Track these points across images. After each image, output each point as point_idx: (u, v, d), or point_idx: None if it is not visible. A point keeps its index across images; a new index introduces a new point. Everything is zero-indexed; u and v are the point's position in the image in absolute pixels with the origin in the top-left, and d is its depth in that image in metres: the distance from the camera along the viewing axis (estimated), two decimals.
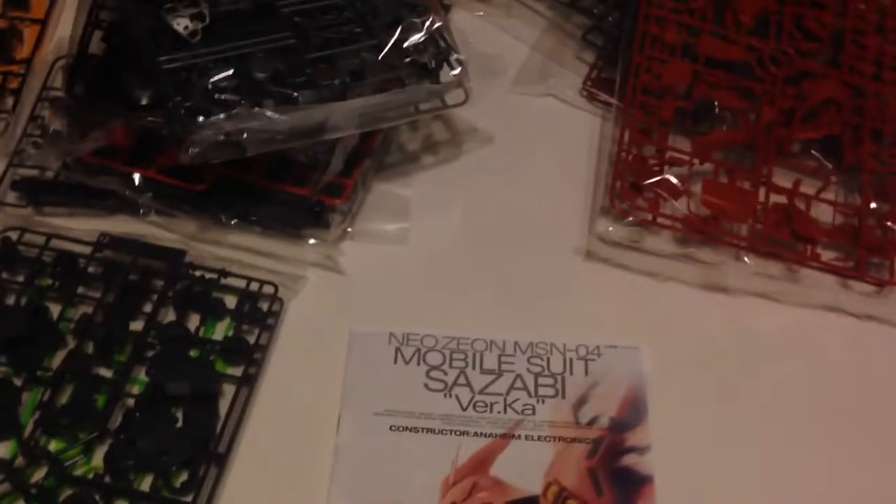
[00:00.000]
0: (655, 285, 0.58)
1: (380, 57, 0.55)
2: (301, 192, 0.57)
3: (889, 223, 0.59)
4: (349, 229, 0.58)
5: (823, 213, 0.60)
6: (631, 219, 0.57)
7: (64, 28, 0.65)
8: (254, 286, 0.55)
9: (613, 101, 0.63)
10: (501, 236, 0.60)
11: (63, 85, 0.57)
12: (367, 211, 0.60)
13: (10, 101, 0.62)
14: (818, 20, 0.64)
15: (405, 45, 0.55)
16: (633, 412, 0.52)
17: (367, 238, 0.59)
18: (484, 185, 0.62)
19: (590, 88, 0.66)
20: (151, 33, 0.54)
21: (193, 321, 0.54)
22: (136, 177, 0.56)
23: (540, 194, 0.62)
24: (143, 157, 0.57)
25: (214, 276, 0.55)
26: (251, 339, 0.53)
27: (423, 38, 0.55)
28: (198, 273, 0.55)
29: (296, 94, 0.52)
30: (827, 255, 0.58)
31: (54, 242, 0.56)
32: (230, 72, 0.52)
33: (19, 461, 0.48)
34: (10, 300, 0.54)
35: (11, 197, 0.58)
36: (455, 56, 0.56)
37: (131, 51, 0.54)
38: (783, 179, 0.60)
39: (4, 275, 0.55)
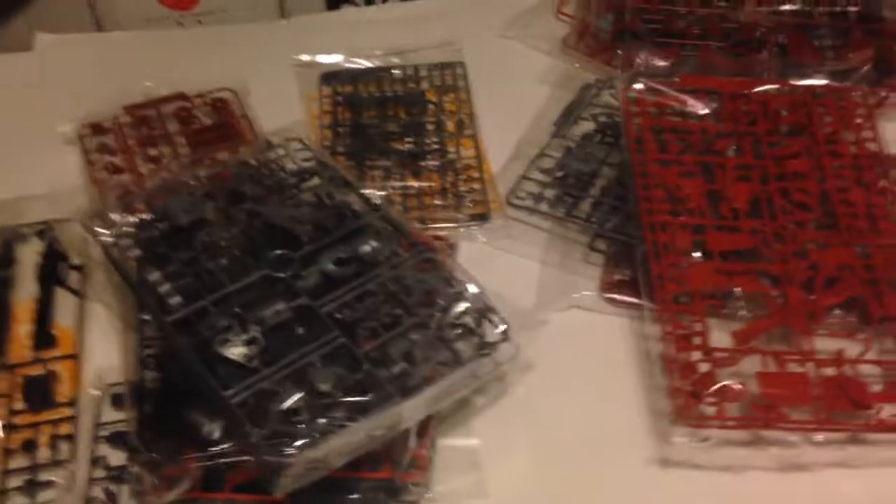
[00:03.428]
0: (733, 478, 0.59)
1: (428, 333, 0.57)
2: (379, 476, 0.58)
3: None
4: (428, 495, 0.59)
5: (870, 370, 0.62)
6: (701, 432, 0.58)
7: (99, 357, 0.65)
8: None
9: (637, 301, 0.66)
10: (573, 457, 0.61)
11: (133, 435, 0.57)
12: (440, 471, 0.60)
13: (65, 449, 0.60)
14: (803, 189, 0.67)
15: (447, 317, 0.58)
16: None
17: (449, 500, 0.59)
18: (538, 412, 0.64)
19: (609, 293, 0.69)
20: (209, 367, 0.55)
21: None
22: None
23: (595, 407, 0.63)
24: (213, 480, 0.57)
25: None
26: None
27: (463, 308, 0.58)
28: None
29: (365, 397, 0.53)
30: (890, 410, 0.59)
31: None
32: (299, 394, 0.53)
33: None
34: None
35: None
36: (497, 315, 0.59)
37: (190, 384, 0.55)
38: (822, 344, 0.62)
39: None
